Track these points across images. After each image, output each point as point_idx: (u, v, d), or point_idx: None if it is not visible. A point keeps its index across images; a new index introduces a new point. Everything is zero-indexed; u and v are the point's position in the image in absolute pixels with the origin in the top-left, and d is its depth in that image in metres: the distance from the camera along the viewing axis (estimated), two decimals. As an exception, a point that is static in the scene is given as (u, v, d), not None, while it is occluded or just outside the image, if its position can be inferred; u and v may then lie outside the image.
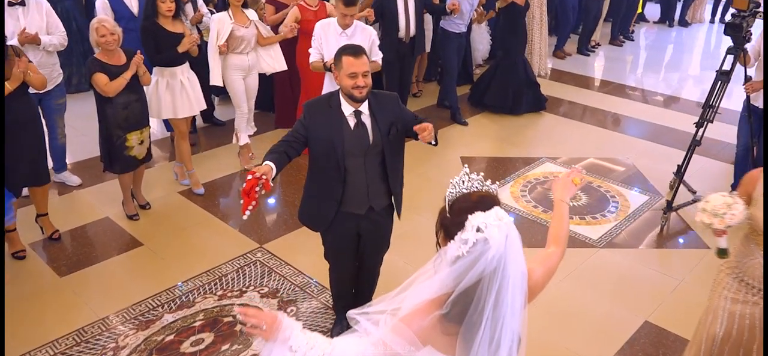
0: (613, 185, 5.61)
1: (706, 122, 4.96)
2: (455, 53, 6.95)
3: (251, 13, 5.56)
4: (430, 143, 3.15)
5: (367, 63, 3.02)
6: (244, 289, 4.12)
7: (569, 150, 6.34)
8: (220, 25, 5.30)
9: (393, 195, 3.30)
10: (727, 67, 4.87)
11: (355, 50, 3.04)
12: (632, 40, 11.18)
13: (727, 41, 4.79)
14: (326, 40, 4.85)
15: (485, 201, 1.82)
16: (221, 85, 5.56)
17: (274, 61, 5.82)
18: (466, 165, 2.01)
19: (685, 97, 8.43)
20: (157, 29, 4.88)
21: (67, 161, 5.45)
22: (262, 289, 4.12)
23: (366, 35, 4.89)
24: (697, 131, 5.04)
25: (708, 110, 4.98)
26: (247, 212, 2.68)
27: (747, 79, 4.89)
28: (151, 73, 4.85)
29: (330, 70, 4.63)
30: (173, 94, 5.03)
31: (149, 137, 4.82)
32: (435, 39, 7.41)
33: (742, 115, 5.26)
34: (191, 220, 4.95)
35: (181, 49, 4.92)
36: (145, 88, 4.76)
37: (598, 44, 10.49)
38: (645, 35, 11.76)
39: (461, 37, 6.99)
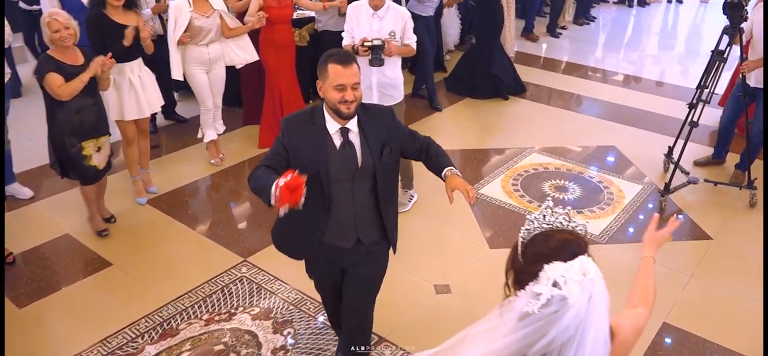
0: (605, 175, 5.44)
1: (699, 103, 4.88)
2: (425, 34, 6.53)
3: (216, 1, 5.07)
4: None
5: (357, 73, 2.54)
6: (232, 311, 3.73)
7: (554, 139, 6.14)
8: (177, 13, 4.83)
9: (386, 228, 2.78)
10: (722, 48, 4.79)
11: (343, 58, 2.53)
12: (594, 19, 11.13)
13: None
14: (358, 22, 4.43)
15: (568, 249, 1.52)
16: (182, 79, 5.09)
17: (244, 53, 5.37)
18: (549, 198, 1.68)
19: (654, 78, 8.41)
20: (103, 20, 4.32)
21: (13, 170, 4.89)
22: (253, 310, 3.75)
23: (399, 16, 4.43)
24: (690, 112, 4.99)
25: (701, 91, 4.92)
26: (284, 208, 2.28)
27: (743, 59, 4.81)
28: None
29: (357, 53, 4.21)
30: (120, 93, 4.52)
31: (109, 146, 4.32)
32: None
33: (734, 94, 5.23)
34: (163, 233, 4.50)
35: (125, 42, 4.32)
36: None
37: (565, 27, 10.39)
38: (605, 16, 11.74)
39: (429, 20, 6.70)
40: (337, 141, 2.60)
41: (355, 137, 2.62)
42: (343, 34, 4.54)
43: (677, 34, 11.21)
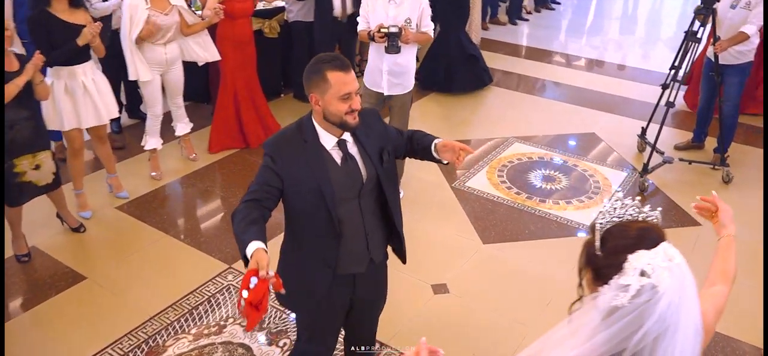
0: (589, 163, 5.40)
1: (673, 83, 4.96)
2: None
3: None
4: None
5: (356, 77, 2.27)
6: (222, 323, 3.51)
7: (532, 127, 6.08)
8: (133, 10, 4.41)
9: (400, 239, 2.55)
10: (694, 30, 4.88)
11: (341, 62, 2.21)
12: (559, 4, 11.17)
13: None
14: (373, 8, 4.24)
15: (649, 236, 1.43)
16: (147, 78, 4.65)
17: (205, 51, 5.00)
18: (619, 189, 1.56)
19: (624, 63, 8.46)
20: (49, 19, 3.93)
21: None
22: (244, 321, 3.53)
23: (416, 3, 4.24)
24: (663, 93, 5.10)
25: (676, 72, 4.99)
26: (256, 328, 1.96)
27: (716, 39, 4.84)
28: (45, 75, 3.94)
29: (373, 39, 4.16)
30: (74, 99, 4.12)
31: (53, 160, 3.92)
32: None
33: (705, 73, 5.31)
34: (138, 241, 4.23)
35: (80, 41, 3.95)
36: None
37: (530, 12, 10.38)
38: (566, 2, 11.78)
39: None
40: (337, 156, 2.28)
41: (353, 148, 2.32)
42: (357, 20, 4.39)
43: (641, 18, 11.36)
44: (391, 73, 4.29)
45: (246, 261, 1.96)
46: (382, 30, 4.09)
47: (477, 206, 4.71)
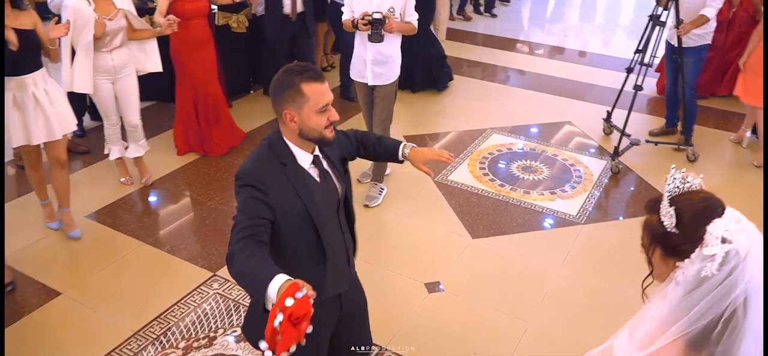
0: (568, 152, 5.40)
1: (639, 66, 5.07)
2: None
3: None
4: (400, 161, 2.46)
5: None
6: (212, 335, 3.35)
7: (508, 118, 6.05)
8: (76, 14, 3.98)
9: (355, 241, 2.41)
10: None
11: (314, 72, 2.02)
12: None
13: None
14: (356, 4, 4.19)
15: (715, 203, 1.48)
16: (87, 91, 4.24)
17: (147, 60, 4.57)
18: (673, 166, 1.56)
19: (593, 51, 8.53)
20: None
21: None
22: (235, 331, 3.38)
23: None
24: (628, 77, 5.27)
25: (641, 55, 5.10)
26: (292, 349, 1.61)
27: (679, 22, 4.93)
28: None
29: (357, 27, 4.13)
30: (24, 112, 3.69)
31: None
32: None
33: (667, 57, 5.44)
34: (114, 251, 4.01)
35: (11, 46, 3.45)
36: None
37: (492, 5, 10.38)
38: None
39: None
40: (315, 175, 2.12)
41: (324, 162, 2.17)
42: (342, 9, 4.32)
43: (601, 5, 11.50)
44: (374, 62, 4.24)
45: (263, 302, 1.72)
46: (365, 17, 4.04)
47: (462, 200, 4.64)
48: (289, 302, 1.52)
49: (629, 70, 5.28)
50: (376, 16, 4.02)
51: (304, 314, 1.53)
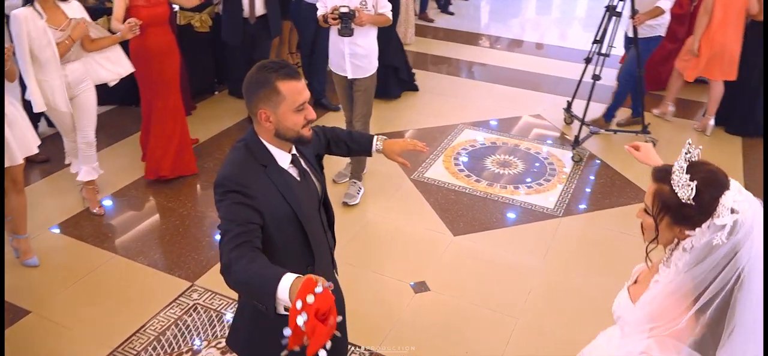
0: (540, 145, 5.45)
1: (597, 56, 5.22)
2: (319, 29, 5.44)
3: (72, 7, 3.97)
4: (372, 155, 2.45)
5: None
6: (195, 348, 3.22)
7: (478, 113, 6.07)
8: (28, 25, 3.68)
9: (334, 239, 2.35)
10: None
11: (289, 70, 1.93)
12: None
13: None
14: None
15: (722, 176, 1.59)
16: (42, 109, 3.90)
17: (115, 66, 4.28)
18: (689, 141, 1.63)
19: (555, 44, 8.64)
20: None
21: None
22: (219, 342, 3.26)
23: None
24: (586, 67, 5.43)
25: (599, 45, 5.24)
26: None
27: (635, 12, 5.06)
28: None
29: (327, 22, 4.08)
30: None
31: None
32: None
33: (625, 47, 5.64)
34: (84, 264, 3.82)
35: None
36: None
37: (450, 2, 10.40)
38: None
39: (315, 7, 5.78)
40: (295, 174, 2.05)
41: (301, 161, 2.10)
42: (317, 5, 4.24)
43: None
44: (353, 55, 4.21)
45: (273, 305, 1.64)
46: (335, 11, 4.00)
47: (440, 198, 4.61)
48: (310, 299, 1.45)
49: (588, 61, 5.44)
50: (343, 9, 3.99)
51: (329, 307, 1.46)
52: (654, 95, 6.19)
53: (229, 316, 3.40)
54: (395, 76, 6.34)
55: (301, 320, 1.43)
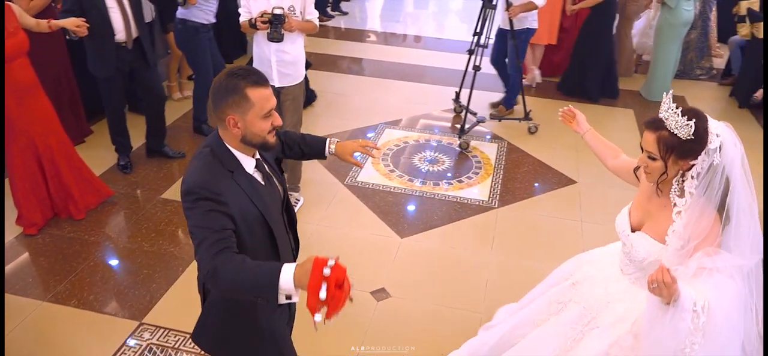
0: (458, 138, 5.59)
1: (477, 48, 5.50)
2: (206, 50, 5.21)
3: None
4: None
5: None
6: (161, 392, 2.99)
7: (394, 111, 6.12)
8: None
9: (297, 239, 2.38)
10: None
11: (258, 76, 1.96)
12: None
13: None
14: (251, 4, 3.94)
15: (700, 110, 1.99)
16: None
17: None
18: (665, 92, 2.05)
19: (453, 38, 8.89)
20: None
21: None
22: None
23: None
24: (469, 58, 5.71)
25: (478, 38, 5.53)
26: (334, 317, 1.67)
27: (509, 5, 5.37)
28: None
29: (255, 26, 3.91)
30: None
31: None
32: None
33: (496, 39, 5.91)
34: (7, 316, 3.39)
35: None
36: None
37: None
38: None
39: (210, 30, 5.22)
40: (259, 178, 2.08)
41: (266, 166, 2.15)
42: (239, 11, 4.03)
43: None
44: (280, 63, 4.09)
45: (275, 295, 1.73)
46: (265, 15, 3.88)
47: (379, 201, 4.60)
48: (327, 271, 1.63)
49: (470, 52, 5.71)
50: (277, 11, 3.86)
51: (344, 275, 1.66)
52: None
53: (186, 350, 3.18)
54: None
55: (322, 293, 1.61)
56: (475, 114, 5.64)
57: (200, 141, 5.34)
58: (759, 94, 6.39)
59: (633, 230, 2.18)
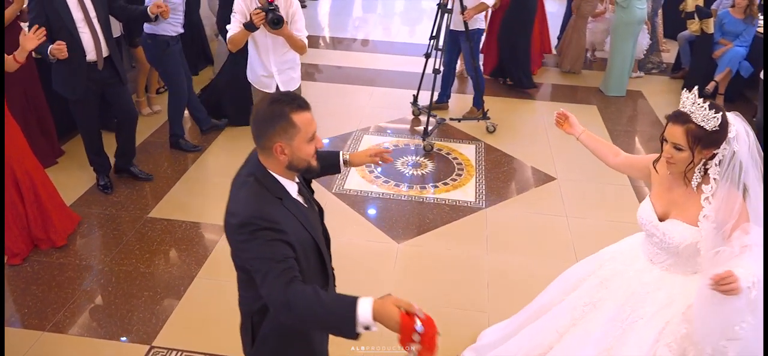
0: (441, 142, 5.71)
1: (434, 51, 5.66)
2: (179, 63, 5.23)
3: None
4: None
5: None
6: (185, 415, 2.96)
7: (368, 117, 6.18)
8: None
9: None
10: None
11: (302, 101, 1.97)
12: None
13: None
14: (249, 6, 3.92)
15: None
16: None
17: None
18: (684, 88, 2.22)
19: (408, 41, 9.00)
20: None
21: None
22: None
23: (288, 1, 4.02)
24: (427, 61, 5.89)
25: (436, 41, 5.70)
26: None
27: (464, 8, 5.55)
28: None
29: (250, 27, 3.87)
30: None
31: None
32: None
33: (445, 41, 5.90)
34: (8, 349, 3.27)
35: None
36: None
37: (305, 6, 10.37)
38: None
39: (178, 41, 5.21)
40: (303, 201, 2.08)
41: (305, 189, 2.16)
42: (227, 28, 4.03)
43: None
44: (280, 72, 4.18)
45: (353, 329, 1.81)
46: (259, 7, 3.87)
47: (369, 207, 4.66)
48: (419, 327, 1.81)
49: (427, 56, 5.88)
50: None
51: (434, 329, 1.84)
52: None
53: (207, 372, 3.16)
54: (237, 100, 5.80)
55: (418, 328, 1.81)
56: (434, 116, 5.82)
57: (178, 156, 5.42)
58: (710, 86, 6.78)
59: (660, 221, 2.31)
